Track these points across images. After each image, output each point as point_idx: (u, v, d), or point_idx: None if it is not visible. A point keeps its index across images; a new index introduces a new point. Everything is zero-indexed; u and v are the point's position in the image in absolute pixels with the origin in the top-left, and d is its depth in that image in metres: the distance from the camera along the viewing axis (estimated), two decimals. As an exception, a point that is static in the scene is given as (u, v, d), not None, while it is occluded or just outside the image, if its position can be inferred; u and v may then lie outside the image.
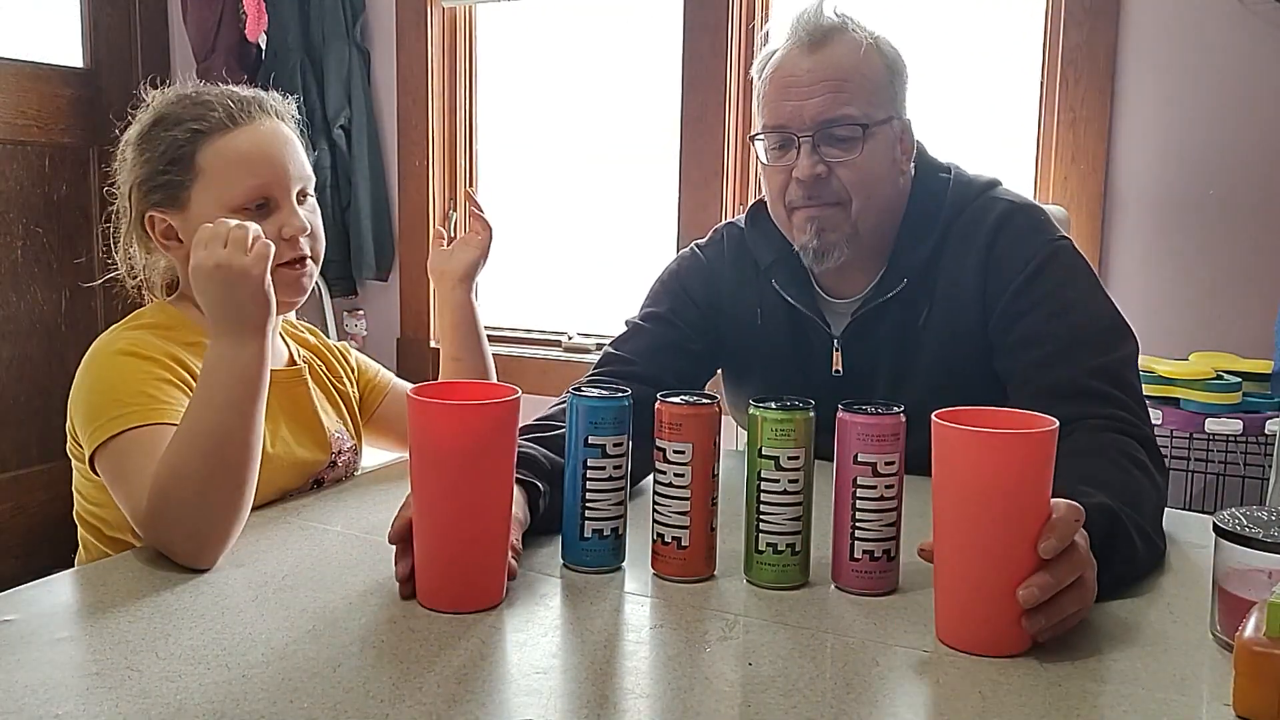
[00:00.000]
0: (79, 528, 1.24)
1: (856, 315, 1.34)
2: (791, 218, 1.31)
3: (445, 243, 1.46)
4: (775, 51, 1.31)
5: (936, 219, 1.31)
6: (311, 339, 1.42)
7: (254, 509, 1.17)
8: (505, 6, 2.80)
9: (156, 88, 1.27)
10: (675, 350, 1.39)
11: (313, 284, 1.28)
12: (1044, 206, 1.39)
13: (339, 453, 1.33)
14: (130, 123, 1.26)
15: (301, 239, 1.23)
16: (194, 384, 1.15)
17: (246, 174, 1.20)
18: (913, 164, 1.35)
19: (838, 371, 1.36)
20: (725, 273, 1.43)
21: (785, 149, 1.29)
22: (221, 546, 1.02)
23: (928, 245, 1.30)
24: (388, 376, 1.49)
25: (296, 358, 1.34)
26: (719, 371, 1.51)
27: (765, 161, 1.32)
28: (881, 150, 1.28)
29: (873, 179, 1.28)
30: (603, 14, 2.73)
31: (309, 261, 1.25)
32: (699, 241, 1.49)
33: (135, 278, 1.29)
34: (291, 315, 1.38)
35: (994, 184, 1.35)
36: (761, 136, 1.31)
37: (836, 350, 1.36)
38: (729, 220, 1.50)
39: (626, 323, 1.44)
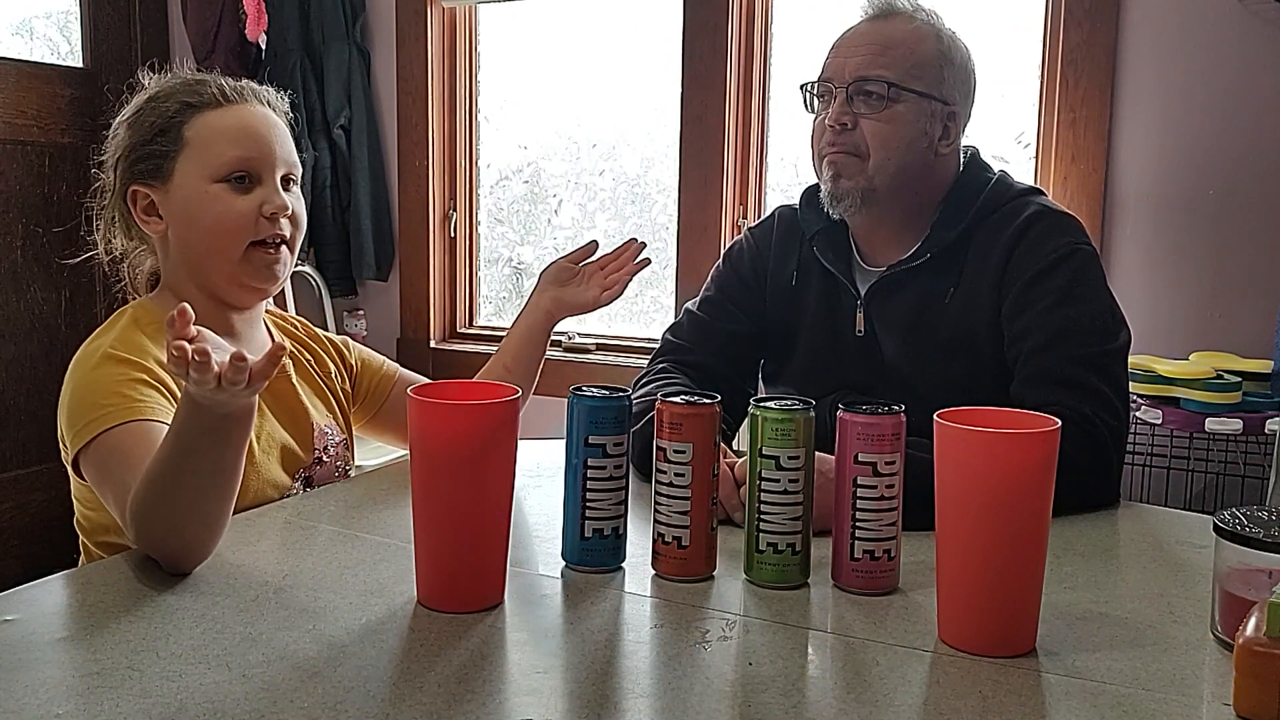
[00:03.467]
0: (80, 535, 1.24)
1: (880, 279, 1.41)
2: (819, 164, 1.40)
3: (575, 260, 1.46)
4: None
5: (971, 208, 1.39)
6: (299, 331, 1.41)
7: (252, 508, 1.18)
8: (505, 6, 2.79)
9: (156, 72, 1.28)
10: (728, 334, 1.51)
11: (287, 274, 1.27)
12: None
13: (325, 447, 1.32)
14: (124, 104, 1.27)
15: (282, 219, 1.23)
16: (173, 384, 1.14)
17: (230, 145, 1.21)
18: (959, 155, 1.43)
19: (860, 331, 1.42)
20: (771, 247, 1.53)
21: (826, 101, 1.39)
22: (200, 557, 1.00)
23: (958, 230, 1.38)
24: (394, 367, 1.49)
25: None
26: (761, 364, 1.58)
27: (809, 111, 1.43)
28: (909, 117, 1.35)
29: (893, 140, 1.35)
30: (603, 14, 2.73)
31: (284, 248, 1.25)
32: (752, 224, 1.61)
33: (111, 256, 1.30)
34: (290, 310, 1.38)
35: (1035, 191, 1.43)
36: (808, 87, 1.42)
37: (859, 310, 1.41)
38: (783, 203, 1.59)
39: (685, 309, 1.56)
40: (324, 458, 1.32)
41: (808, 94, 1.42)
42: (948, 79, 1.38)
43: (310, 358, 1.38)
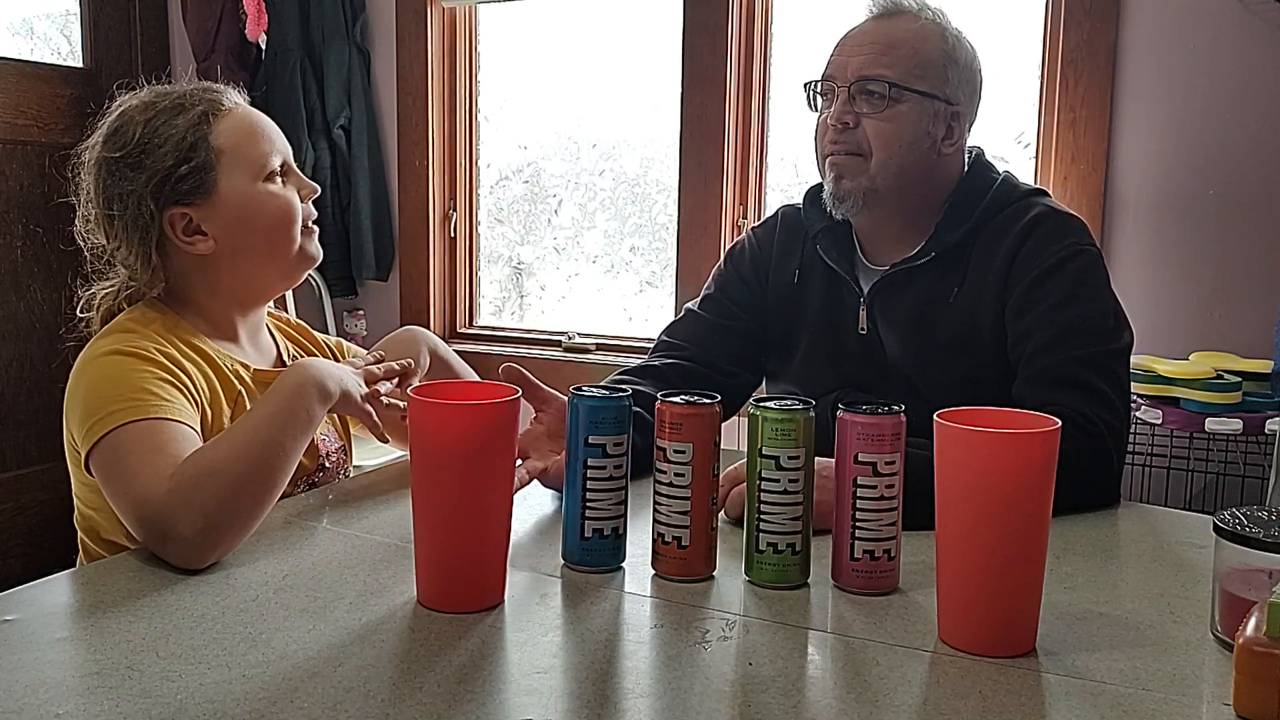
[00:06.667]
0: (79, 533, 1.23)
1: (884, 278, 1.41)
2: (822, 164, 1.40)
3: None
4: None
5: (976, 208, 1.38)
6: (300, 336, 1.41)
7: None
8: (505, 6, 2.79)
9: (127, 91, 1.27)
10: (725, 331, 1.50)
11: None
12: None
13: (327, 454, 1.32)
14: (93, 134, 1.24)
15: (311, 200, 1.29)
16: (189, 383, 1.15)
17: (261, 143, 1.25)
18: (964, 155, 1.43)
19: (863, 329, 1.42)
20: (774, 246, 1.53)
21: (829, 99, 1.39)
22: (224, 549, 1.01)
23: (963, 230, 1.37)
24: None
25: (285, 356, 1.34)
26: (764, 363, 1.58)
27: (812, 109, 1.43)
28: (911, 116, 1.35)
29: (895, 139, 1.35)
30: (603, 14, 2.73)
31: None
32: (754, 224, 1.61)
33: (131, 287, 1.27)
34: (290, 310, 1.38)
35: (1041, 192, 1.43)
36: (812, 85, 1.42)
37: (862, 307, 1.41)
38: (786, 203, 1.59)
39: (685, 308, 1.55)
40: (326, 464, 1.32)
41: (811, 91, 1.42)
42: (952, 79, 1.37)
43: None
